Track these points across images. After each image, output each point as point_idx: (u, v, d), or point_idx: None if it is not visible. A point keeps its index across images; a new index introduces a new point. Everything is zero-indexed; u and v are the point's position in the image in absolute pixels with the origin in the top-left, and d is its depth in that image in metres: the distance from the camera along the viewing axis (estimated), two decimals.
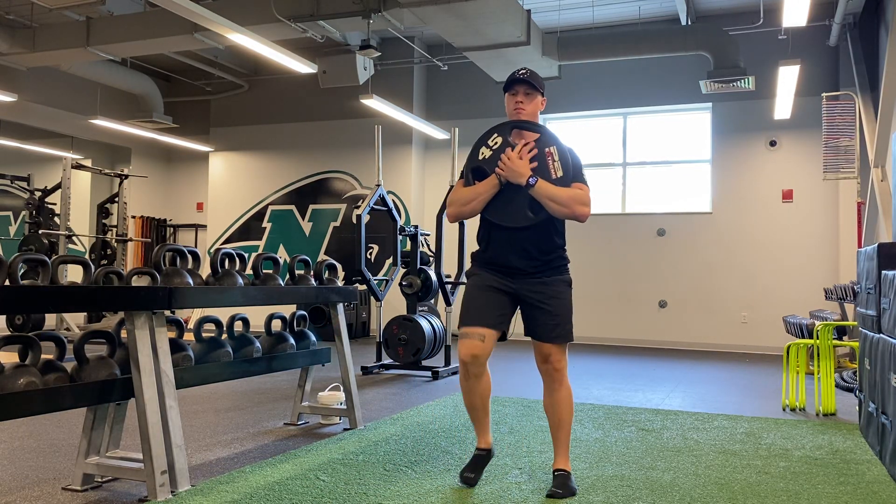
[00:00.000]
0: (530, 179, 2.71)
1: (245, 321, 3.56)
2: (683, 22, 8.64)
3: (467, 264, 8.06)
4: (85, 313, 9.07)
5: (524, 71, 2.87)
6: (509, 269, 2.84)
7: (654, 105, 9.67)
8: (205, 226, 11.97)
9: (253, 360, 3.41)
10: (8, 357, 2.47)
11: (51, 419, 4.02)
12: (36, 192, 9.52)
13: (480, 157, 2.85)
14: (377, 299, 6.46)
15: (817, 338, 4.61)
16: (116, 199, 9.59)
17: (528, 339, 2.94)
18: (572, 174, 2.78)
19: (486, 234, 2.89)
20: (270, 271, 3.53)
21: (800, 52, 8.54)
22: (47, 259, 2.49)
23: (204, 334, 3.25)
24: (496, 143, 2.84)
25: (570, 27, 9.48)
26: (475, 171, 2.85)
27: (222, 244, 11.48)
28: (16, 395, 2.31)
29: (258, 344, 3.53)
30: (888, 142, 6.74)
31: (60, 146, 11.98)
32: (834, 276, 8.57)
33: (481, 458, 2.91)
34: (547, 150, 2.78)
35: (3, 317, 8.83)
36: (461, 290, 7.16)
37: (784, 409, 4.68)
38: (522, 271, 2.83)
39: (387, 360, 6.45)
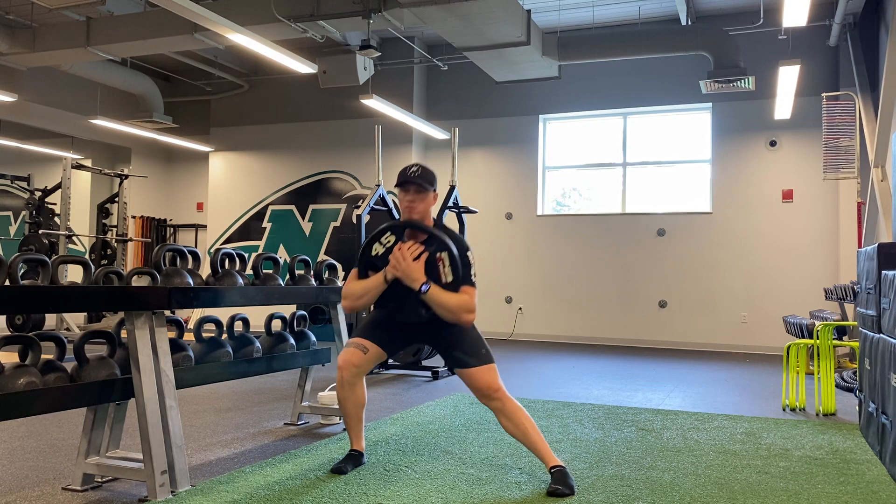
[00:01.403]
0: (422, 287, 2.81)
1: (245, 321, 3.56)
2: (683, 22, 8.64)
3: None
4: (85, 313, 9.08)
5: (415, 169, 2.96)
6: (408, 326, 2.98)
7: (654, 105, 9.67)
8: (205, 226, 11.97)
9: (253, 360, 3.41)
10: (8, 357, 2.47)
11: (51, 419, 4.02)
12: (36, 192, 9.52)
13: (374, 253, 2.95)
14: None
15: (817, 338, 4.61)
16: (116, 199, 9.59)
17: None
18: (462, 277, 2.86)
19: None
20: (270, 271, 3.53)
21: (800, 52, 8.54)
22: (47, 259, 2.49)
23: (204, 334, 3.25)
24: (389, 241, 2.95)
25: (570, 27, 9.48)
26: (368, 265, 2.96)
27: (222, 244, 11.48)
28: (16, 395, 2.31)
29: (258, 344, 3.53)
30: (888, 142, 6.74)
31: (60, 146, 11.99)
32: (834, 276, 8.57)
33: (354, 457, 3.08)
34: (438, 255, 2.86)
35: (3, 317, 8.83)
36: None
37: (784, 409, 4.69)
38: (423, 328, 2.97)
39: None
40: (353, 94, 9.62)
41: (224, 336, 3.42)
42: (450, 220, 6.84)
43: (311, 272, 3.81)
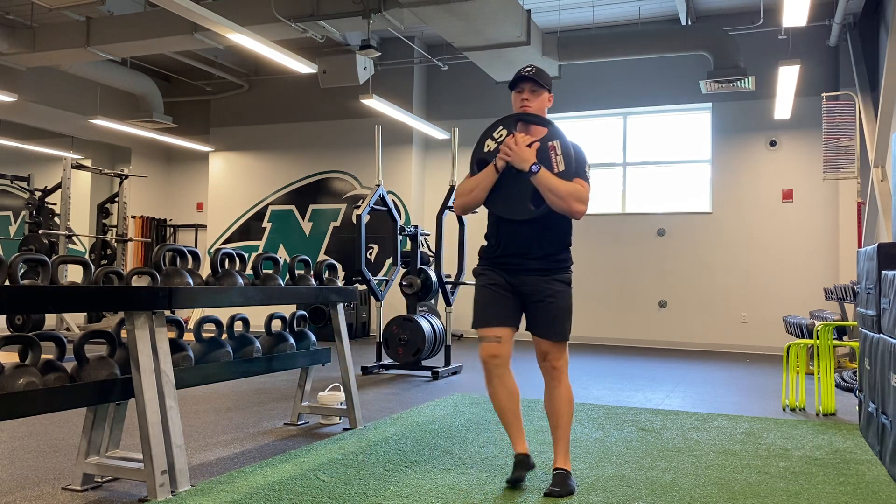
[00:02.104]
0: (533, 167, 2.71)
1: (245, 321, 3.56)
2: (683, 22, 8.64)
3: (467, 264, 8.05)
4: (85, 313, 9.08)
5: (529, 68, 2.87)
6: (513, 265, 2.85)
7: (654, 105, 9.66)
8: (205, 226, 11.97)
9: (253, 360, 3.41)
10: (8, 357, 2.47)
11: (51, 419, 4.02)
12: (36, 192, 9.52)
13: (486, 150, 2.87)
14: (377, 299, 6.46)
15: (817, 338, 4.61)
16: (116, 199, 9.59)
17: (529, 338, 2.93)
18: (574, 169, 2.76)
19: (493, 230, 2.91)
20: (270, 271, 3.53)
21: (800, 52, 8.54)
22: (47, 259, 2.49)
23: (204, 334, 3.25)
24: (500, 135, 2.85)
25: (570, 27, 9.47)
26: (480, 163, 2.86)
27: (222, 244, 11.48)
28: (16, 395, 2.31)
29: (258, 344, 3.53)
30: (888, 142, 6.74)
31: (60, 146, 11.98)
32: (834, 276, 8.57)
33: (522, 464, 2.84)
34: (550, 143, 2.77)
35: (3, 317, 8.83)
36: (461, 290, 7.17)
37: (784, 409, 4.68)
38: (525, 268, 2.84)
39: (387, 360, 6.45)
40: (353, 94, 9.62)
41: (224, 336, 3.42)
42: (450, 220, 6.85)
43: (311, 272, 3.81)
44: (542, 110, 2.86)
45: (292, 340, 3.73)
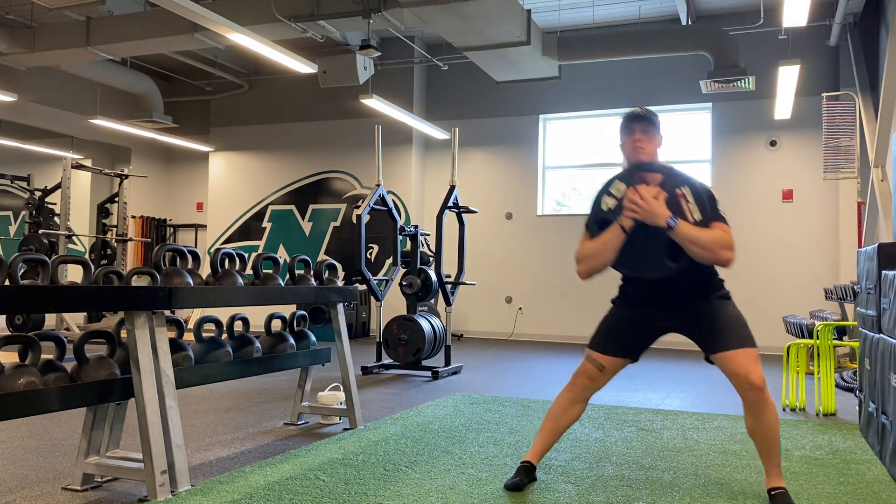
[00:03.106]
0: (670, 220, 2.47)
1: (245, 321, 3.56)
2: (683, 22, 8.64)
3: (467, 264, 8.05)
4: (85, 313, 9.08)
5: (640, 109, 2.71)
6: (661, 306, 2.70)
7: (653, 105, 9.65)
8: (205, 226, 11.97)
9: (253, 360, 3.41)
10: (8, 357, 2.47)
11: (51, 419, 4.02)
12: (36, 192, 9.52)
13: (604, 207, 2.64)
14: (377, 299, 6.46)
15: (817, 338, 4.61)
16: (116, 199, 9.59)
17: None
18: (710, 213, 2.53)
19: (629, 281, 2.79)
20: (270, 271, 3.53)
21: (800, 52, 8.54)
22: (47, 259, 2.49)
23: (204, 334, 3.25)
24: (620, 190, 2.62)
25: (570, 27, 9.47)
26: (600, 223, 2.65)
27: (222, 244, 11.48)
28: (16, 395, 2.31)
29: (258, 344, 3.53)
30: (888, 142, 6.74)
31: (60, 146, 11.98)
32: (834, 276, 8.57)
33: (526, 471, 2.83)
34: (678, 190, 2.54)
35: (3, 317, 8.83)
36: (461, 289, 7.18)
37: (784, 409, 4.68)
38: (676, 306, 2.69)
39: (387, 360, 6.45)
40: (353, 94, 9.62)
41: (224, 336, 3.42)
42: (450, 220, 6.85)
43: (311, 272, 3.81)
44: (655, 153, 2.69)
45: (292, 340, 3.73)
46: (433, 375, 6.03)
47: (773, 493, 2.61)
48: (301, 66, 7.21)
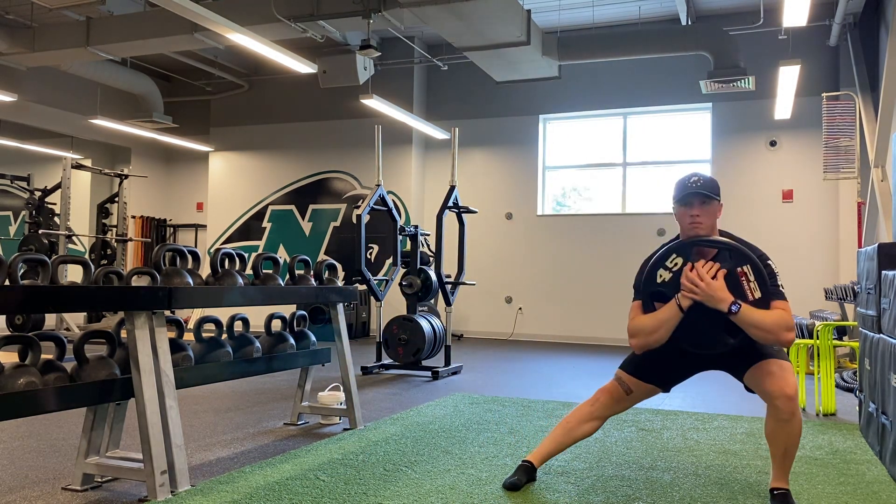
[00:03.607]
0: (733, 306, 2.41)
1: (245, 321, 3.55)
2: (683, 22, 8.64)
3: (467, 264, 8.05)
4: (85, 313, 9.08)
5: (696, 178, 2.60)
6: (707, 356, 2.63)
7: (654, 105, 9.67)
8: (205, 226, 11.97)
9: (253, 360, 3.41)
10: (8, 357, 2.47)
11: (51, 419, 4.02)
12: (36, 192, 9.52)
13: (659, 280, 2.58)
14: (377, 299, 6.46)
15: (817, 338, 4.61)
16: (116, 199, 9.59)
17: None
18: (770, 290, 2.46)
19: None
20: (270, 271, 3.53)
21: (800, 52, 8.54)
22: (47, 259, 2.49)
23: (204, 334, 3.25)
24: (675, 264, 2.55)
25: (570, 27, 9.48)
26: (654, 296, 2.58)
27: (222, 244, 11.48)
28: (16, 395, 2.31)
29: (258, 344, 3.53)
30: (888, 142, 6.74)
31: (60, 146, 11.98)
32: (834, 276, 8.57)
33: (526, 470, 2.83)
34: (739, 269, 2.47)
35: (3, 317, 8.83)
36: (461, 289, 7.18)
37: None
38: (725, 356, 2.61)
39: (387, 360, 6.45)
40: (353, 94, 9.62)
41: (224, 336, 3.42)
42: (450, 220, 6.85)
43: (311, 272, 3.81)
44: (713, 225, 2.59)
45: (292, 340, 3.73)
46: (433, 375, 6.02)
47: (775, 492, 2.60)
48: (301, 66, 7.21)
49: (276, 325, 3.76)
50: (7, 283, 2.33)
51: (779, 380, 2.45)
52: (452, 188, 6.52)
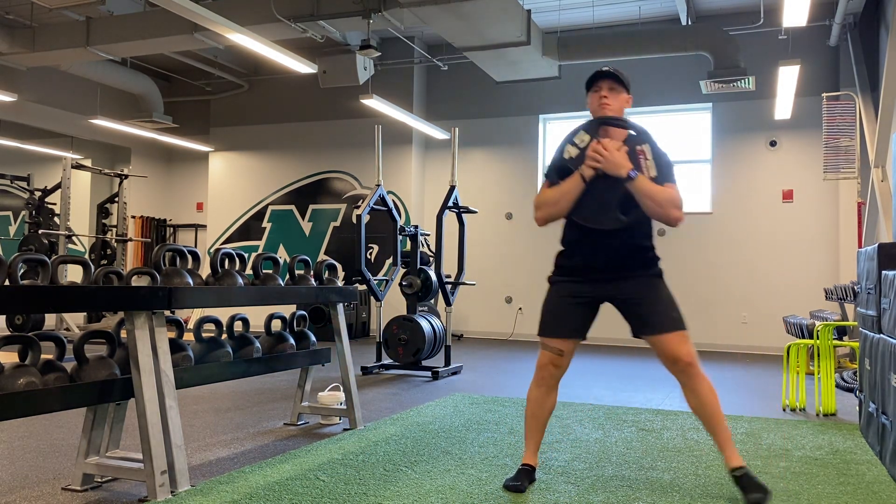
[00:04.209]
0: (631, 173, 2.57)
1: (245, 321, 3.55)
2: (683, 22, 8.64)
3: (467, 264, 8.04)
4: (85, 313, 9.08)
5: (607, 67, 2.76)
6: (596, 273, 2.75)
7: (654, 105, 9.66)
8: (205, 226, 11.97)
9: (253, 360, 3.41)
10: (8, 357, 2.47)
11: (51, 419, 4.02)
12: (36, 192, 9.52)
13: (566, 156, 2.71)
14: (377, 299, 6.46)
15: (817, 338, 4.61)
16: (116, 199, 9.59)
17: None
18: (665, 173, 2.63)
19: (570, 238, 2.80)
20: (270, 271, 3.53)
21: (800, 52, 8.54)
22: (47, 259, 2.49)
23: (204, 334, 3.25)
24: (583, 140, 2.69)
25: (570, 27, 9.47)
26: (560, 171, 2.71)
27: (222, 244, 11.48)
28: (16, 395, 2.31)
29: (258, 344, 3.53)
30: (888, 142, 6.74)
31: (60, 146, 11.98)
32: (834, 276, 8.57)
33: (526, 473, 2.84)
34: (639, 147, 2.63)
35: (3, 317, 8.83)
36: (461, 289, 7.17)
37: (784, 410, 4.68)
38: (610, 274, 2.74)
39: (387, 360, 6.45)
40: (353, 94, 9.61)
41: (224, 336, 3.42)
42: (450, 220, 6.85)
43: (311, 272, 3.81)
44: (621, 111, 2.74)
45: (292, 340, 3.73)
46: (433, 375, 6.02)
47: (736, 473, 2.63)
48: (301, 66, 7.21)
49: (276, 325, 3.76)
50: (7, 283, 2.33)
51: (679, 346, 2.67)
52: (452, 188, 6.52)
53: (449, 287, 6.47)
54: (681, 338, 2.68)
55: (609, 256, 2.72)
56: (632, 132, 2.68)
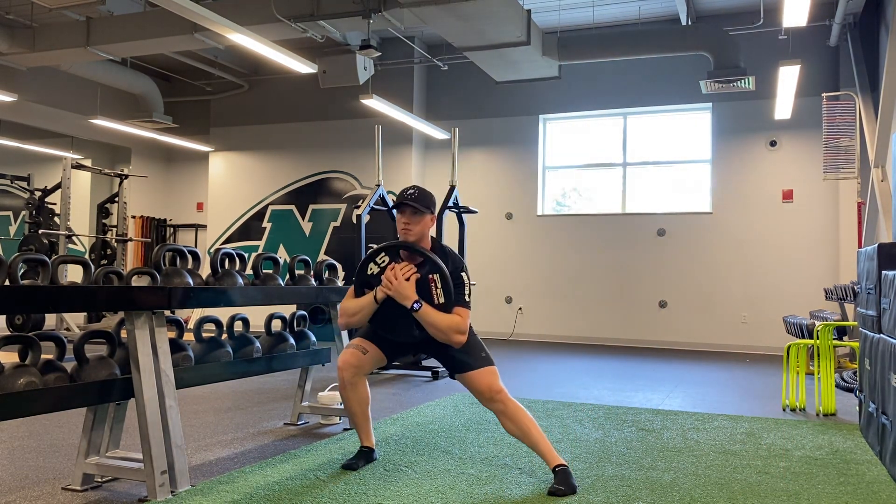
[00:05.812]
0: (414, 304, 2.84)
1: (245, 321, 3.55)
2: (683, 22, 8.64)
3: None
4: (85, 313, 9.07)
5: (412, 191, 2.96)
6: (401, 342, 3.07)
7: (654, 105, 9.66)
8: (205, 226, 11.97)
9: (253, 360, 3.41)
10: (8, 357, 2.47)
11: (51, 419, 4.02)
12: (36, 192, 9.52)
13: (368, 272, 2.99)
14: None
15: (817, 338, 4.61)
16: (116, 199, 9.59)
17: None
18: (455, 298, 2.90)
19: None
20: (270, 271, 3.53)
21: (800, 52, 8.54)
22: (47, 259, 2.49)
23: (204, 334, 3.25)
24: (384, 261, 2.97)
25: (570, 27, 9.48)
26: (363, 284, 2.99)
27: (222, 244, 11.48)
28: (16, 395, 2.31)
29: (258, 344, 3.53)
30: (888, 142, 6.74)
31: (60, 146, 11.98)
32: (834, 276, 8.57)
33: (365, 454, 3.15)
34: (431, 276, 2.89)
35: (3, 317, 8.83)
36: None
37: (784, 410, 4.68)
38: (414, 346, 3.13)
39: None
40: (353, 94, 9.62)
41: (224, 336, 3.42)
42: (450, 219, 6.85)
43: (311, 272, 3.81)
44: (424, 233, 2.98)
45: (292, 340, 3.73)
46: (433, 375, 6.03)
47: (557, 469, 2.80)
48: (301, 66, 7.21)
49: (276, 325, 3.76)
50: (7, 283, 2.33)
51: (485, 380, 2.86)
52: (452, 188, 6.52)
53: None
54: (489, 372, 2.89)
55: (410, 339, 3.00)
56: (427, 259, 2.92)
